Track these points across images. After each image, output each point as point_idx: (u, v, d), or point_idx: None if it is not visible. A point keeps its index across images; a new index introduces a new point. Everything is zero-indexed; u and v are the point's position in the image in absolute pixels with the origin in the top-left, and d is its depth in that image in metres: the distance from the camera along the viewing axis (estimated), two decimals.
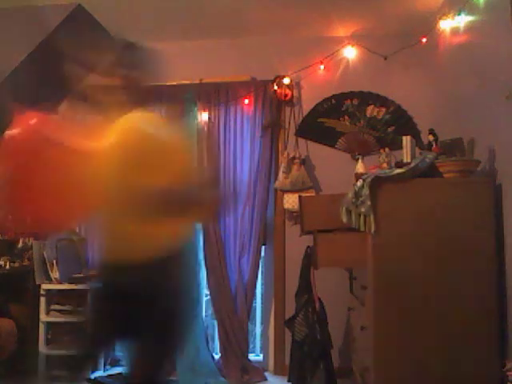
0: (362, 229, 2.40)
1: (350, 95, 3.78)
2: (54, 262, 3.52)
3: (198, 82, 3.83)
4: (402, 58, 3.63)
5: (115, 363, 3.80)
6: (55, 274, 3.51)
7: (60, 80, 1.51)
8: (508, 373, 1.95)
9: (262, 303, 4.00)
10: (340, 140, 3.78)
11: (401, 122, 3.71)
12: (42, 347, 3.41)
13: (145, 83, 1.55)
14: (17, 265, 3.61)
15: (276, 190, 3.76)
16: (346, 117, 3.78)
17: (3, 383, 3.21)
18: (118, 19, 3.64)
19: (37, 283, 3.48)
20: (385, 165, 3.25)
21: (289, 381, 3.01)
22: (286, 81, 3.77)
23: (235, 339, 3.63)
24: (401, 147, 2.82)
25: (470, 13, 2.76)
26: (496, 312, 2.26)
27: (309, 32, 3.79)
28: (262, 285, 3.96)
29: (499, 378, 2.13)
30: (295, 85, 3.83)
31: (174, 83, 3.83)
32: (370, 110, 3.75)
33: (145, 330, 1.44)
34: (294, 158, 3.71)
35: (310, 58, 3.79)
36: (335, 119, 3.79)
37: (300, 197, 2.96)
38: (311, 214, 2.83)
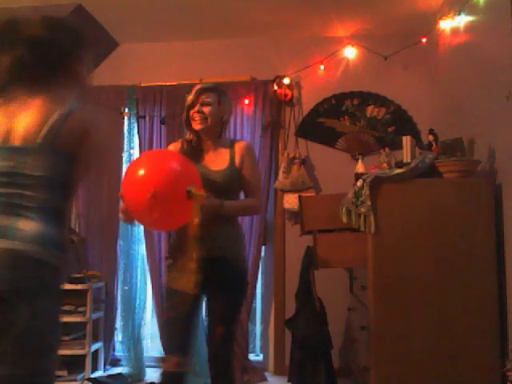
0: (362, 229, 2.40)
1: (350, 95, 3.78)
2: None
3: (197, 81, 3.83)
4: (401, 57, 3.63)
5: (115, 363, 3.81)
6: None
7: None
8: (508, 373, 1.95)
9: (262, 303, 4.00)
10: (340, 140, 3.78)
11: (401, 122, 3.71)
12: None
13: None
14: None
15: (276, 189, 3.76)
16: (346, 117, 3.78)
17: None
18: (118, 19, 3.65)
19: None
20: (385, 165, 3.24)
21: (289, 381, 3.00)
22: (286, 81, 3.77)
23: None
24: (401, 147, 2.82)
25: (469, 13, 2.76)
26: (496, 312, 2.26)
27: (309, 32, 3.79)
28: (261, 285, 3.95)
29: (499, 378, 2.13)
30: (295, 85, 3.83)
31: (174, 83, 3.84)
32: (370, 110, 3.75)
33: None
34: (294, 157, 3.71)
35: (310, 58, 3.79)
36: (335, 119, 3.79)
37: (300, 197, 2.95)
38: (311, 214, 2.82)
